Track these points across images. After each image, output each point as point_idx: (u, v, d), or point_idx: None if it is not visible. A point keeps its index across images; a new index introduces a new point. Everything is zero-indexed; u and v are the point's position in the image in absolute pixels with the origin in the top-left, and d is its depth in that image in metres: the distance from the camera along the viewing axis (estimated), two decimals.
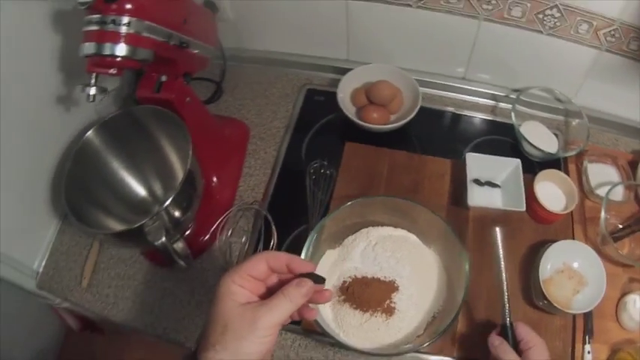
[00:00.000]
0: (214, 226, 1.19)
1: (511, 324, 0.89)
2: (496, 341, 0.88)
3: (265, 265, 0.65)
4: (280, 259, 0.66)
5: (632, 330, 1.15)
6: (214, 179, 1.23)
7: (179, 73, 1.06)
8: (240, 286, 0.62)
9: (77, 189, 1.04)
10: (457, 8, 1.23)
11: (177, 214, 1.01)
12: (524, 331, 0.88)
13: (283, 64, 1.47)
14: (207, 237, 1.19)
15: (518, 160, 1.21)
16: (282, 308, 0.61)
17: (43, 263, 1.22)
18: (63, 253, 1.23)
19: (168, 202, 0.95)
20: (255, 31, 1.43)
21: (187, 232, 1.17)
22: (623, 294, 1.18)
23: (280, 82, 1.45)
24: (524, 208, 1.16)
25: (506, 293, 0.91)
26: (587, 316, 1.12)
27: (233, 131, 1.34)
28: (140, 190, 1.18)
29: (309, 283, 0.64)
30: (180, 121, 1.04)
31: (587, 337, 1.11)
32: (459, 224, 1.19)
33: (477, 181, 1.22)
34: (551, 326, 1.12)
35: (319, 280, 0.66)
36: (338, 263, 1.07)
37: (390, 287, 1.02)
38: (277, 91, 1.43)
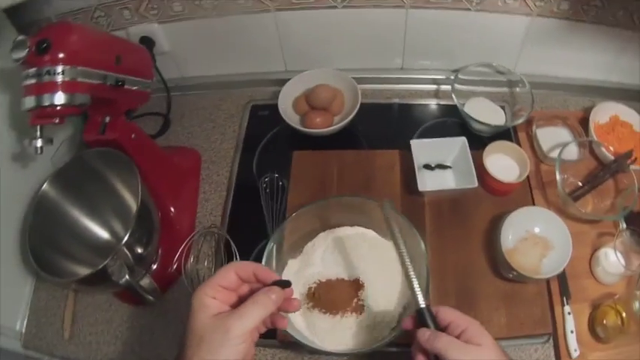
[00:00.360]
0: (178, 256, 1.19)
1: (428, 307, 0.70)
2: (426, 333, 0.67)
3: (234, 274, 0.68)
4: (247, 268, 0.68)
5: (609, 283, 1.14)
6: (172, 209, 1.23)
7: (121, 112, 1.07)
8: (212, 298, 0.64)
9: (42, 242, 1.04)
10: (382, 1, 1.24)
11: (138, 249, 1.02)
12: (450, 314, 0.69)
13: (226, 86, 1.47)
14: (173, 268, 1.19)
15: (463, 138, 1.21)
16: (253, 314, 0.63)
17: (25, 322, 1.21)
18: (42, 309, 1.22)
19: (125, 240, 0.96)
20: (193, 58, 1.44)
21: (154, 267, 1.17)
22: (594, 250, 1.17)
23: (225, 103, 1.45)
24: (476, 184, 1.15)
25: (411, 272, 0.73)
26: (561, 278, 1.11)
27: (184, 160, 1.34)
28: (102, 233, 1.18)
29: (277, 290, 0.67)
30: (127, 158, 1.05)
31: (564, 299, 1.10)
32: (415, 211, 1.18)
33: (428, 166, 1.22)
34: (525, 295, 1.10)
35: (286, 284, 0.70)
36: (301, 271, 1.06)
37: (356, 285, 1.02)
38: (223, 113, 1.44)
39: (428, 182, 1.18)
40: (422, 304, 0.70)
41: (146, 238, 1.05)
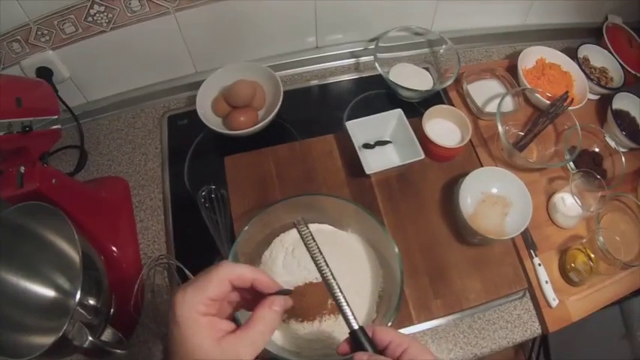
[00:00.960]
0: (133, 296, 1.08)
1: (362, 329, 0.62)
2: (364, 357, 0.60)
3: (229, 285, 0.57)
4: (245, 277, 0.58)
5: (570, 227, 1.14)
6: (114, 249, 1.11)
7: (35, 158, 0.96)
8: (204, 316, 0.54)
9: None
10: None
11: (91, 302, 0.90)
12: (388, 333, 0.61)
13: (137, 101, 1.34)
14: (131, 309, 1.08)
15: (399, 110, 1.15)
16: (265, 335, 0.56)
17: None
18: None
19: (77, 299, 0.84)
20: (96, 79, 1.30)
21: (111, 313, 1.06)
22: (549, 196, 1.16)
23: (139, 120, 1.33)
24: (422, 156, 1.10)
25: (337, 292, 0.64)
26: (525, 232, 1.10)
27: (112, 191, 1.22)
28: (47, 292, 1.05)
29: (279, 301, 0.58)
30: (53, 208, 0.92)
31: (532, 252, 1.09)
32: (364, 194, 1.14)
33: (367, 145, 1.16)
34: (494, 257, 1.09)
35: (287, 293, 0.61)
36: None
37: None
38: (139, 130, 1.31)
39: (372, 163, 1.12)
40: (355, 326, 0.62)
41: (96, 288, 0.93)
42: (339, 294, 0.64)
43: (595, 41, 1.40)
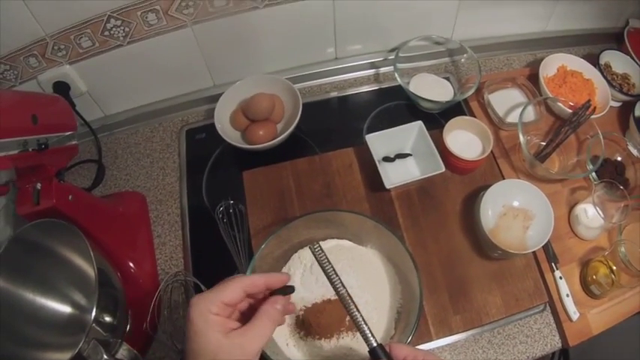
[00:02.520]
0: (150, 313, 1.08)
1: (381, 346, 0.65)
2: None
3: (242, 292, 0.65)
4: (258, 284, 0.66)
5: (592, 238, 1.13)
6: (131, 265, 1.11)
7: (51, 175, 0.95)
8: (215, 315, 0.61)
9: (3, 339, 0.91)
10: None
11: (107, 320, 0.91)
12: (403, 349, 0.64)
13: (154, 115, 1.34)
14: (147, 326, 1.08)
15: (420, 122, 1.14)
16: (267, 330, 0.63)
17: None
18: None
19: (93, 317, 0.84)
20: (113, 93, 1.30)
21: (127, 330, 1.06)
22: (571, 208, 1.14)
23: (157, 134, 1.33)
24: (443, 169, 1.08)
25: (355, 312, 0.68)
26: (546, 245, 1.08)
27: (129, 206, 1.22)
28: (63, 308, 1.05)
29: (281, 299, 0.66)
30: (69, 225, 0.92)
31: (553, 265, 1.08)
32: (384, 208, 1.13)
33: (387, 159, 1.15)
34: (515, 270, 1.08)
35: (289, 290, 0.68)
36: None
37: None
38: (157, 144, 1.31)
39: (392, 176, 1.11)
40: (374, 343, 0.65)
41: (112, 305, 0.94)
42: (357, 313, 0.68)
43: (616, 47, 1.38)
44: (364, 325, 0.67)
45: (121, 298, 0.99)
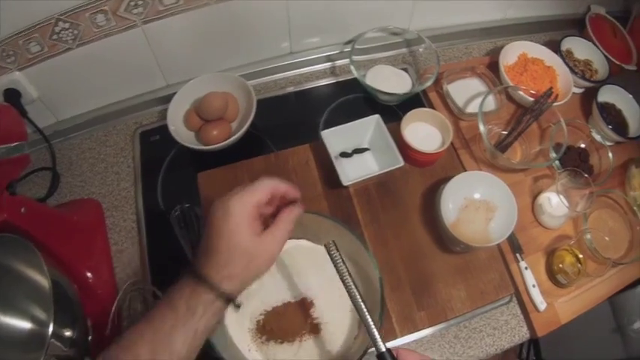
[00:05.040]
0: (110, 323, 1.05)
1: (389, 351, 0.65)
2: None
3: (269, 195, 0.68)
4: (281, 190, 0.71)
5: (557, 227, 1.11)
6: (88, 275, 1.07)
7: (2, 188, 0.92)
8: (249, 214, 0.65)
9: None
10: None
11: (67, 333, 0.89)
12: (410, 355, 0.64)
13: (107, 118, 1.29)
14: (108, 336, 1.04)
15: (377, 116, 1.11)
16: (287, 236, 0.68)
17: None
18: None
19: (50, 333, 0.82)
20: (65, 98, 1.24)
21: (89, 341, 1.02)
22: (535, 197, 1.13)
23: (111, 137, 1.28)
24: (402, 163, 1.06)
25: (368, 318, 0.68)
26: (511, 235, 1.06)
27: (85, 214, 1.17)
28: (24, 325, 1.02)
29: (297, 209, 0.71)
30: (19, 239, 0.89)
31: (518, 255, 1.06)
32: (343, 205, 1.10)
33: (345, 154, 1.12)
34: (479, 263, 1.06)
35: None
36: (243, 306, 0.95)
37: (304, 305, 0.93)
38: (111, 148, 1.27)
39: (350, 172, 1.08)
40: (382, 348, 0.65)
41: (71, 318, 0.91)
42: (368, 317, 0.68)
43: (578, 33, 1.36)
44: (374, 330, 0.67)
45: (79, 311, 0.96)
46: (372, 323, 0.67)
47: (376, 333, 0.66)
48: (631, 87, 1.24)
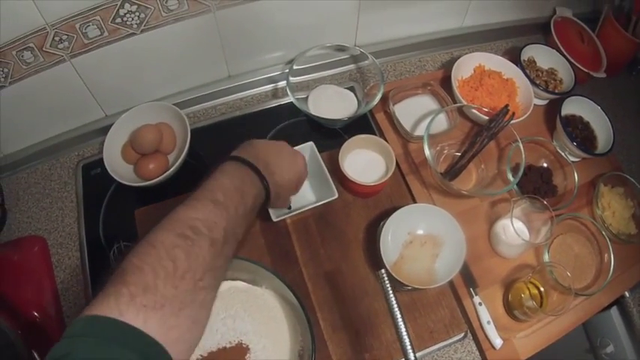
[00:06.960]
0: None
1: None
2: None
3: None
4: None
5: (515, 256, 1.04)
6: (36, 314, 1.05)
7: None
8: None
9: None
10: (184, 12, 1.05)
11: None
12: None
13: (50, 151, 1.25)
14: None
15: (311, 144, 1.04)
16: None
17: None
18: None
19: None
20: (7, 133, 1.21)
21: None
22: (492, 223, 1.04)
23: (55, 171, 1.24)
24: (335, 195, 0.99)
25: (402, 327, 0.76)
26: (463, 269, 0.98)
27: (29, 253, 1.14)
28: None
29: None
30: None
31: (472, 290, 1.00)
32: (280, 241, 1.04)
33: None
34: (427, 301, 1.00)
35: None
36: None
37: (240, 350, 0.88)
38: (55, 183, 1.23)
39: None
40: (413, 357, 0.72)
41: None
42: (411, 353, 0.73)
43: (543, 38, 1.26)
44: (407, 337, 0.74)
45: (23, 355, 0.93)
46: (405, 332, 0.75)
47: (408, 341, 0.74)
48: (599, 97, 1.14)
